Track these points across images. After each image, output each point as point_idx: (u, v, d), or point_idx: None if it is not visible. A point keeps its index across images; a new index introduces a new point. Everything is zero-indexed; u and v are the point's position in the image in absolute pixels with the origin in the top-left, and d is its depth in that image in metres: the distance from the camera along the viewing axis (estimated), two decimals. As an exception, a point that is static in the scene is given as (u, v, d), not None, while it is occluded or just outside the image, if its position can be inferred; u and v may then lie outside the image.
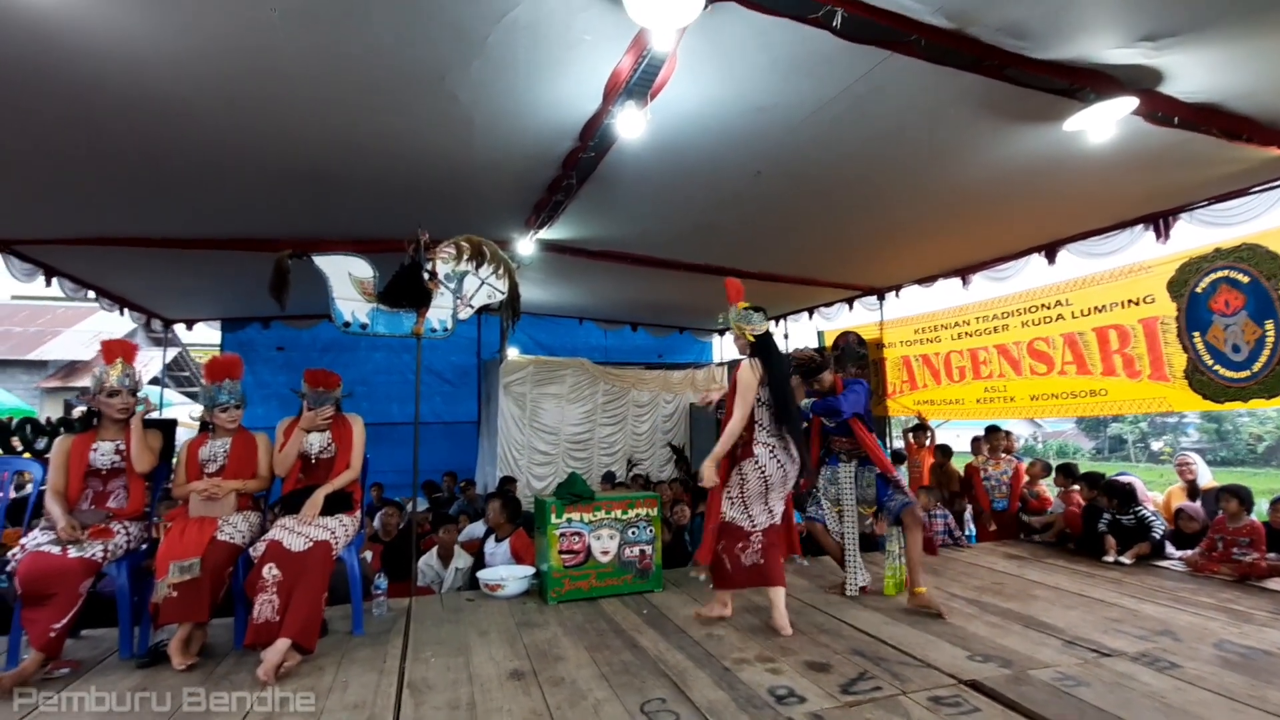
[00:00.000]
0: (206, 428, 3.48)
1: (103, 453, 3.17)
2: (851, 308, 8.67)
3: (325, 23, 2.85)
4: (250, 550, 3.05)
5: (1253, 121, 3.77)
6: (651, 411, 9.67)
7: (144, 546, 3.25)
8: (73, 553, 2.84)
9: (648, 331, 10.85)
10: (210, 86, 3.32)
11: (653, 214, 5.56)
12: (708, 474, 3.37)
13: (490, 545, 4.60)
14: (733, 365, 3.44)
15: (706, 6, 2.68)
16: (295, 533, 3.01)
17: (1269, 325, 4.68)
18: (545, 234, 5.90)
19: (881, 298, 8.23)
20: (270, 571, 2.88)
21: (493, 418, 8.78)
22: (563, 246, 6.38)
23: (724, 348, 11.77)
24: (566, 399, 9.00)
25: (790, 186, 4.89)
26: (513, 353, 9.32)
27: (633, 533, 4.00)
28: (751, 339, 3.45)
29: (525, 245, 6.09)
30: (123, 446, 3.20)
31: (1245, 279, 4.84)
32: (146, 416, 3.31)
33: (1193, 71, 3.30)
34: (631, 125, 3.60)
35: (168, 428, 3.58)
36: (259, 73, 3.22)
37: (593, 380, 9.20)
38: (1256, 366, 4.77)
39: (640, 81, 3.33)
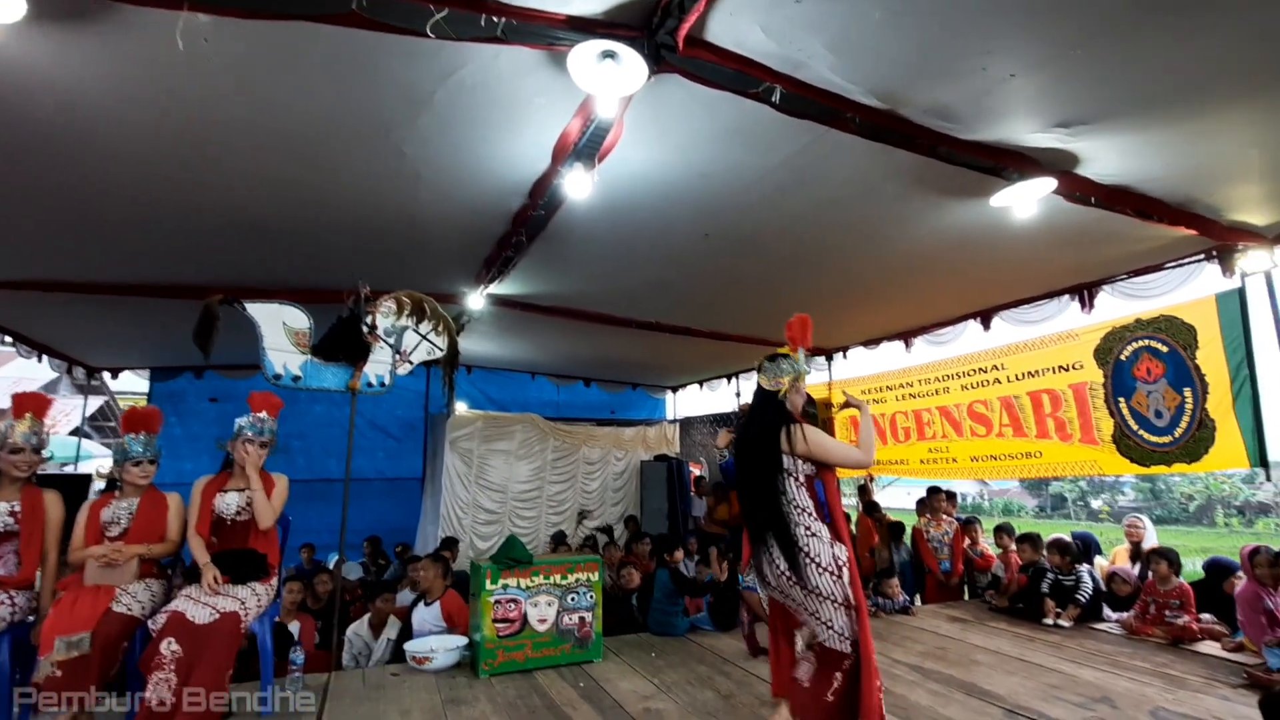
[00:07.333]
0: (114, 486, 3.25)
1: (-7, 514, 2.91)
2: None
3: (265, 74, 2.82)
4: (150, 623, 2.81)
5: (1161, 203, 4.04)
6: (602, 469, 9.52)
7: (31, 619, 2.96)
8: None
9: (601, 387, 10.80)
10: (144, 132, 3.22)
11: (604, 272, 5.60)
12: None
13: (419, 611, 4.33)
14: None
15: (650, 77, 2.76)
16: (201, 603, 2.78)
17: (1187, 393, 4.92)
18: (496, 289, 5.87)
19: (830, 358, 8.40)
20: (169, 647, 2.64)
21: (437, 474, 8.50)
22: (514, 301, 6.35)
23: (677, 405, 11.78)
24: (515, 455, 8.81)
25: (738, 249, 4.99)
26: (461, 407, 9.12)
27: (572, 599, 3.84)
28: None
29: (476, 300, 6.04)
30: (18, 508, 2.95)
31: (1164, 348, 5.10)
32: (47, 471, 3.08)
33: (1105, 156, 3.54)
34: (579, 186, 3.64)
35: (76, 485, 3.33)
36: (196, 121, 3.14)
37: (542, 436, 9.04)
38: (1178, 432, 4.98)
39: (589, 144, 3.38)
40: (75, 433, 11.72)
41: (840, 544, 2.47)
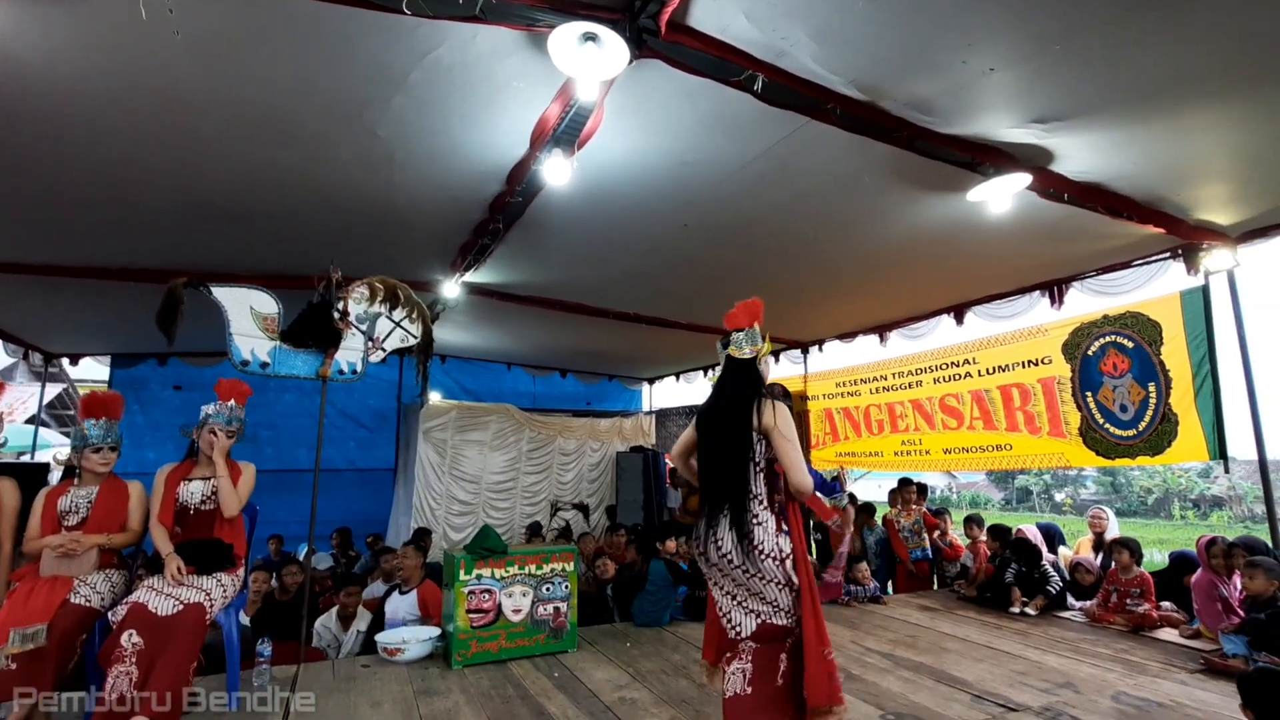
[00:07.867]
0: (71, 473, 3.13)
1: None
2: (777, 360, 8.87)
3: (232, 47, 2.72)
4: (110, 614, 2.71)
5: (1132, 201, 4.12)
6: (577, 460, 9.49)
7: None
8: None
9: (577, 378, 10.75)
10: (106, 106, 3.09)
11: (581, 261, 5.55)
12: None
13: (394, 600, 4.28)
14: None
15: (632, 62, 2.72)
16: (164, 594, 2.70)
17: (1151, 387, 5.04)
18: (472, 277, 5.78)
19: (805, 351, 8.46)
20: (130, 639, 2.56)
21: (410, 465, 8.39)
22: (490, 290, 6.27)
23: (653, 397, 11.77)
24: (489, 446, 8.73)
25: (717, 239, 4.98)
26: (435, 397, 9.00)
27: (547, 589, 3.82)
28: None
29: (451, 288, 5.94)
30: (-36, 496, 2.83)
31: (1130, 344, 5.22)
32: (2, 460, 2.96)
33: (1079, 153, 3.58)
34: (558, 173, 3.59)
35: (33, 474, 3.21)
36: (161, 95, 3.02)
37: (518, 427, 8.98)
38: (1142, 425, 5.11)
39: (568, 130, 3.33)
40: (32, 421, 11.32)
41: (785, 536, 2.35)
